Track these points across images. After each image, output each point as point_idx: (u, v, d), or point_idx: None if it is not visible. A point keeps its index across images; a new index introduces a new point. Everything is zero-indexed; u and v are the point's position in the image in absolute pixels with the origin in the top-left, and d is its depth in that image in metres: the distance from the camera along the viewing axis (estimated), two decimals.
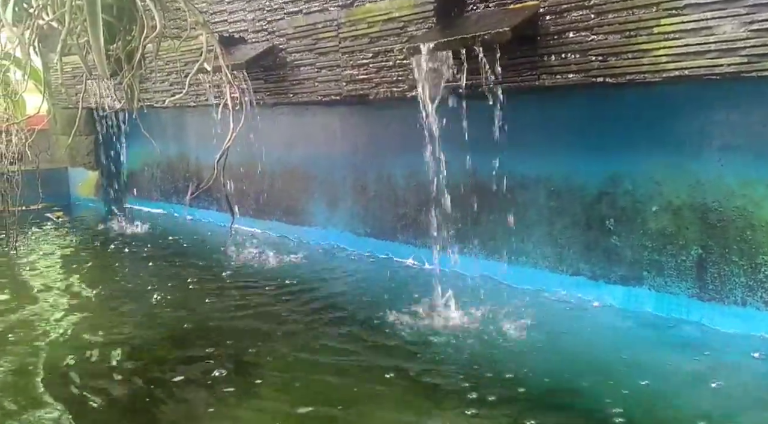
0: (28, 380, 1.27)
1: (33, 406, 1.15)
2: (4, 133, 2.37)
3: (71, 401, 1.18)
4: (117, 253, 2.43)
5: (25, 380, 1.27)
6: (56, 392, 1.21)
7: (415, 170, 2.10)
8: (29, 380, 1.27)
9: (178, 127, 3.07)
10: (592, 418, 1.06)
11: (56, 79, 3.01)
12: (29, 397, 1.19)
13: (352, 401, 1.14)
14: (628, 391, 1.16)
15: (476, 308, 1.58)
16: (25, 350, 1.43)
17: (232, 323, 1.60)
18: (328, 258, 2.28)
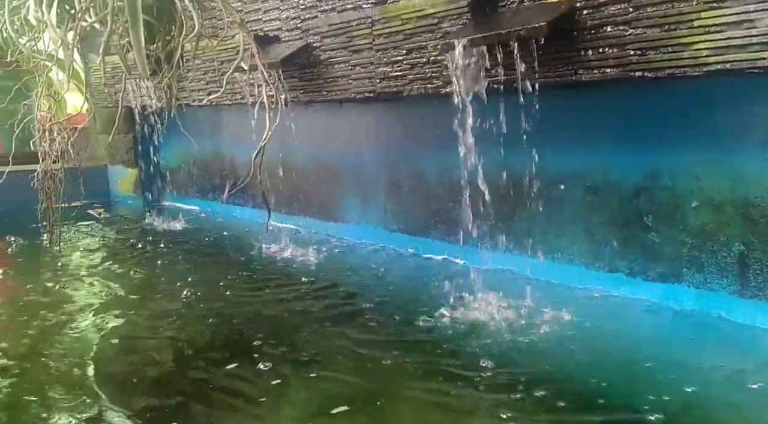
0: (75, 370, 1.31)
1: (82, 396, 1.18)
2: (48, 132, 2.43)
3: (119, 391, 1.21)
4: (155, 248, 2.49)
5: (72, 371, 1.30)
6: (103, 381, 1.24)
7: (448, 166, 2.09)
8: (76, 370, 1.30)
9: (213, 126, 3.12)
10: (631, 416, 1.05)
11: (96, 79, 3.09)
12: (78, 388, 1.22)
13: (387, 395, 1.15)
14: (667, 389, 1.15)
15: (511, 304, 1.58)
16: (71, 341, 1.47)
17: (269, 316, 1.63)
18: (362, 254, 2.29)
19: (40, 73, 2.44)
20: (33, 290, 1.91)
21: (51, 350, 1.43)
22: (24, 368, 1.35)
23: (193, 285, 1.91)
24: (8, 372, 1.32)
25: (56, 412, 1.13)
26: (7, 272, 2.26)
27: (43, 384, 1.26)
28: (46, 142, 2.41)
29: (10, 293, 1.97)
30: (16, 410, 1.15)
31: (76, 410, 1.13)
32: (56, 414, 1.12)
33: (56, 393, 1.21)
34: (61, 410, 1.14)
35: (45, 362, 1.38)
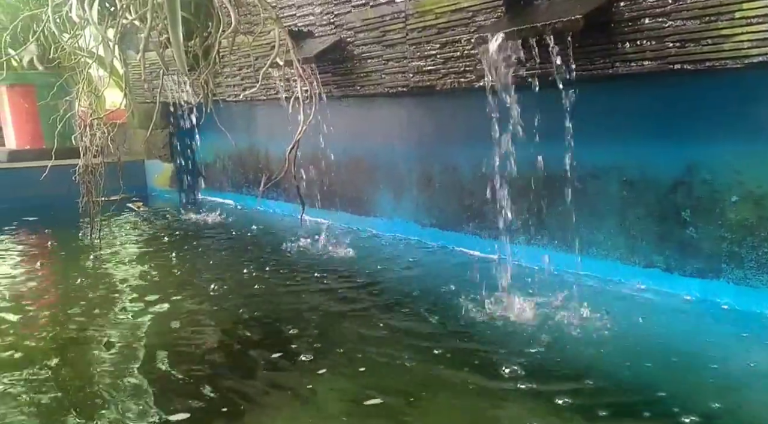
0: (117, 358, 1.34)
1: (126, 383, 1.22)
2: (88, 128, 2.49)
3: (163, 379, 1.24)
4: (190, 241, 2.54)
5: (113, 359, 1.34)
6: (147, 370, 1.28)
7: (482, 161, 2.09)
8: (118, 358, 1.34)
9: (248, 121, 3.16)
10: (669, 417, 1.04)
11: (134, 76, 3.15)
12: (120, 376, 1.26)
13: (421, 390, 1.16)
14: (707, 388, 1.13)
15: (546, 299, 1.57)
16: (112, 331, 1.52)
17: (302, 308, 1.65)
18: (394, 248, 2.31)
19: (81, 69, 2.50)
20: (74, 279, 1.97)
21: (91, 336, 1.48)
22: (68, 351, 1.39)
23: (228, 276, 1.94)
24: (53, 355, 1.36)
25: (100, 393, 1.17)
26: (50, 262, 2.33)
27: (85, 367, 1.30)
28: (86, 137, 2.47)
29: (53, 283, 2.04)
30: (63, 388, 1.19)
31: (117, 393, 1.17)
32: (100, 396, 1.16)
33: (98, 376, 1.25)
34: (104, 393, 1.17)
35: (86, 347, 1.42)
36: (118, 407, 1.13)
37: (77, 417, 1.09)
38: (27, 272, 2.18)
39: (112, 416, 1.09)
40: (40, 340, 1.46)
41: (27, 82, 3.53)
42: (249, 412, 1.10)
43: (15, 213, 3.04)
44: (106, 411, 1.11)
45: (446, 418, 1.06)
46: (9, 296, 1.83)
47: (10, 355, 1.37)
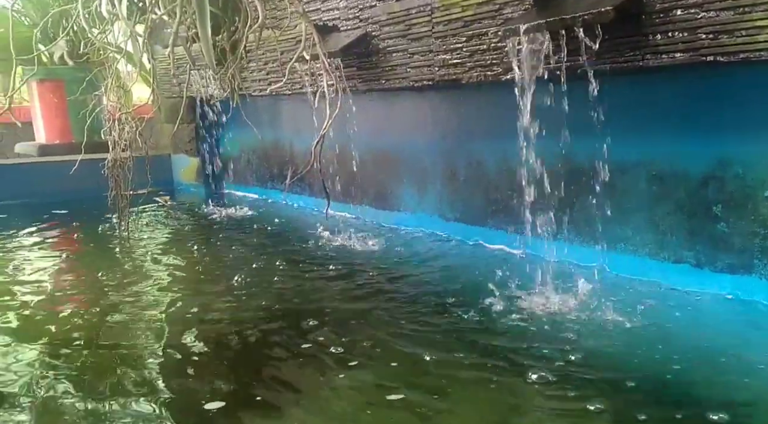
0: (148, 347, 1.37)
1: (159, 370, 1.24)
2: (117, 122, 2.53)
3: (195, 368, 1.26)
4: (216, 234, 2.56)
5: (145, 348, 1.36)
6: (179, 359, 1.30)
7: (507, 155, 2.08)
8: (149, 347, 1.36)
9: (273, 115, 3.18)
10: (700, 416, 1.02)
11: (161, 70, 3.19)
12: (153, 363, 1.28)
13: (445, 385, 1.15)
14: (738, 388, 1.11)
15: (573, 295, 1.56)
16: (141, 320, 1.54)
17: (329, 301, 1.66)
18: (418, 242, 2.31)
19: (109, 65, 2.54)
20: (102, 271, 2.00)
21: (122, 324, 1.51)
22: (96, 340, 1.42)
23: (252, 269, 1.96)
24: (82, 344, 1.39)
25: (134, 379, 1.19)
26: (80, 254, 2.38)
27: (116, 354, 1.33)
28: (115, 131, 2.51)
29: (82, 274, 2.07)
30: (94, 373, 1.21)
31: (151, 379, 1.19)
32: (134, 381, 1.18)
33: (130, 363, 1.27)
34: (138, 379, 1.20)
35: (117, 334, 1.46)
36: (153, 394, 1.14)
37: (113, 400, 1.11)
38: (58, 264, 2.22)
39: (149, 402, 1.11)
40: (73, 328, 1.49)
41: (56, 77, 3.59)
42: (280, 400, 1.11)
43: (46, 206, 3.10)
44: (142, 397, 1.12)
45: (469, 414, 1.05)
46: (43, 288, 1.86)
47: (47, 344, 1.40)
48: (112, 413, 1.08)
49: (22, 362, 1.30)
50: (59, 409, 1.10)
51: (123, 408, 1.09)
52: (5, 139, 4.29)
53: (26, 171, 3.43)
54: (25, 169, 3.45)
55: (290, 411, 1.09)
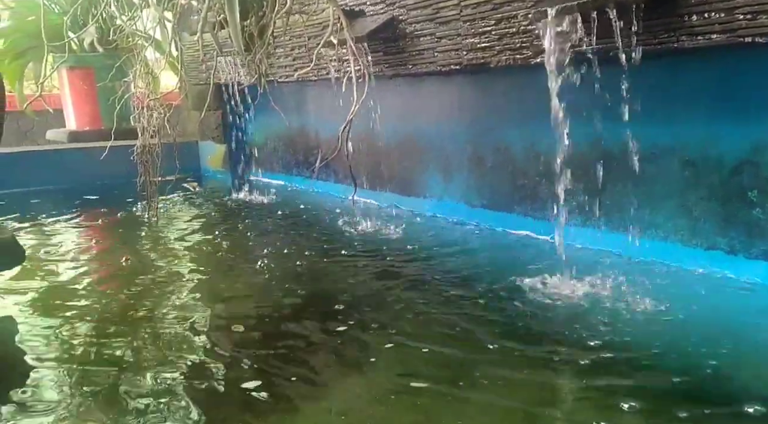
0: (181, 327, 1.38)
1: (193, 349, 1.26)
2: (146, 109, 2.55)
3: (229, 348, 1.28)
4: (243, 220, 2.58)
5: (178, 327, 1.38)
6: (211, 339, 1.32)
7: (536, 141, 2.06)
8: (182, 327, 1.38)
9: (298, 102, 3.19)
10: (734, 406, 1.00)
11: (188, 57, 3.21)
12: (186, 342, 1.30)
13: (470, 373, 1.15)
14: None
15: (603, 282, 1.54)
16: (169, 302, 1.56)
17: (353, 287, 1.66)
18: (444, 229, 2.30)
19: (137, 51, 2.56)
20: (132, 254, 2.04)
21: (152, 305, 1.53)
22: (128, 318, 1.44)
23: (278, 254, 1.97)
24: (115, 322, 1.41)
25: (163, 356, 1.22)
26: (110, 239, 2.41)
27: (145, 337, 1.35)
28: (144, 118, 2.54)
29: (113, 257, 2.11)
30: (127, 351, 1.23)
31: (179, 356, 1.21)
32: (169, 361, 1.20)
33: (164, 341, 1.30)
34: (163, 359, 1.22)
35: (145, 314, 1.48)
36: (189, 371, 1.16)
37: (150, 378, 1.13)
38: (90, 247, 2.26)
39: (187, 381, 1.12)
40: (105, 307, 1.52)
41: (86, 64, 3.64)
42: (311, 381, 1.12)
43: (77, 192, 3.15)
44: (178, 375, 1.14)
45: (496, 402, 1.05)
46: (75, 270, 1.90)
47: (81, 322, 1.43)
48: (149, 390, 1.10)
49: (57, 339, 1.33)
50: (93, 384, 1.12)
51: (159, 385, 1.11)
52: (37, 126, 4.37)
53: (57, 157, 3.49)
54: (56, 156, 3.51)
55: (318, 393, 1.09)
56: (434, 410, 1.01)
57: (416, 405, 1.03)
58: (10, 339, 1.36)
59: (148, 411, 1.02)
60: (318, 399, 1.07)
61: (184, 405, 1.05)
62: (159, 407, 1.04)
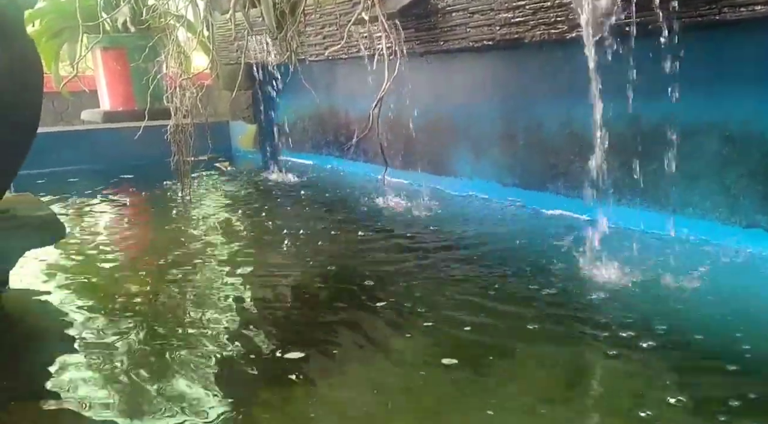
0: (211, 302, 1.41)
1: (234, 322, 1.28)
2: (178, 89, 2.58)
3: (268, 322, 1.30)
4: (274, 199, 2.61)
5: (207, 303, 1.41)
6: (250, 314, 1.34)
7: (570, 117, 2.03)
8: (212, 302, 1.41)
9: (328, 81, 3.18)
10: None
11: (218, 37, 3.22)
12: (226, 316, 1.32)
13: (499, 351, 1.15)
14: None
15: (639, 260, 1.51)
16: (203, 277, 1.59)
17: (386, 264, 1.67)
18: (475, 208, 2.29)
19: (170, 31, 2.58)
20: (164, 233, 2.07)
21: (188, 282, 1.56)
22: (166, 296, 1.47)
23: (310, 233, 1.99)
24: (147, 301, 1.44)
25: (211, 332, 1.24)
26: (145, 217, 2.46)
27: (183, 309, 1.38)
28: (177, 97, 2.56)
29: (145, 237, 2.15)
30: (164, 327, 1.26)
31: (219, 329, 1.23)
32: (210, 336, 1.22)
33: (204, 316, 1.32)
34: (207, 328, 1.24)
35: (181, 289, 1.51)
36: (230, 343, 1.19)
37: (192, 346, 1.16)
38: (126, 224, 2.31)
39: (228, 351, 1.15)
40: (143, 283, 1.55)
41: (119, 45, 3.68)
42: (345, 354, 1.14)
43: (113, 172, 3.21)
44: (221, 348, 1.16)
45: (529, 379, 1.05)
46: (112, 246, 1.94)
47: (120, 298, 1.46)
48: (190, 358, 1.13)
49: (97, 311, 1.37)
50: (134, 353, 1.15)
51: (201, 355, 1.14)
52: (71, 106, 4.45)
53: (93, 137, 3.55)
54: (91, 136, 3.57)
55: (354, 366, 1.11)
56: (467, 386, 1.02)
57: (450, 380, 1.04)
58: (52, 312, 1.40)
59: (191, 379, 1.05)
60: (354, 372, 1.09)
61: (228, 374, 1.07)
62: (203, 375, 1.06)
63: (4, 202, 1.56)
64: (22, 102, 1.45)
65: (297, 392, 1.01)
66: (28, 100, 1.47)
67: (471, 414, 0.92)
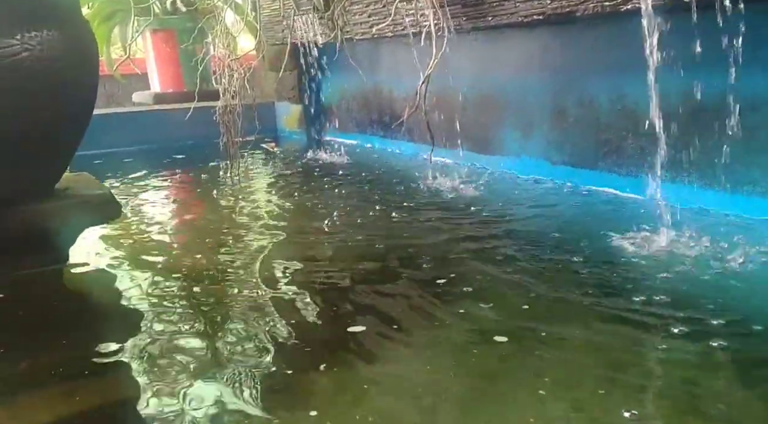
0: (260, 280, 1.43)
1: (297, 298, 1.30)
2: (227, 70, 2.61)
3: (325, 297, 1.31)
4: (319, 179, 2.62)
5: (264, 279, 1.43)
6: (309, 292, 1.35)
7: (623, 93, 1.97)
8: (270, 279, 1.43)
9: (372, 60, 3.17)
10: None
11: (264, 17, 3.24)
12: (280, 296, 1.34)
13: (551, 330, 1.13)
14: None
15: (696, 240, 1.47)
16: (253, 256, 1.61)
17: (430, 245, 1.66)
18: (523, 187, 2.26)
19: (217, 12, 2.61)
20: (215, 211, 2.12)
21: (237, 257, 1.60)
22: (207, 271, 1.50)
23: (357, 212, 1.99)
24: (195, 275, 1.48)
25: (273, 309, 1.26)
26: (197, 195, 2.51)
27: (222, 283, 1.42)
28: (225, 79, 2.59)
29: (191, 214, 2.20)
30: (222, 304, 1.29)
31: (281, 304, 1.26)
32: (271, 314, 1.25)
33: (263, 293, 1.35)
34: (275, 309, 1.27)
35: (220, 266, 1.54)
36: (293, 317, 1.21)
37: (250, 321, 1.18)
38: (180, 202, 2.37)
39: (290, 327, 1.17)
40: (198, 260, 1.59)
41: (168, 26, 3.74)
42: (406, 331, 1.15)
43: (164, 152, 3.28)
44: (286, 322, 1.19)
45: (580, 360, 1.03)
46: (166, 222, 2.00)
47: (172, 272, 1.50)
48: (251, 332, 1.15)
49: (153, 286, 1.41)
50: (193, 329, 1.18)
51: (262, 327, 1.17)
52: (122, 89, 4.56)
53: (145, 119, 3.64)
54: (144, 117, 3.66)
55: (407, 340, 1.12)
56: (517, 363, 1.01)
57: (500, 356, 1.04)
58: (111, 287, 1.45)
59: (257, 353, 1.08)
60: (411, 346, 1.10)
61: (286, 343, 1.10)
62: (268, 347, 1.09)
63: (63, 181, 1.62)
64: (80, 82, 1.49)
65: (355, 363, 1.04)
66: (86, 80, 1.52)
67: (521, 391, 0.92)
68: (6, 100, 1.34)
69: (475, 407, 0.90)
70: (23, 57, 1.33)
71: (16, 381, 1.02)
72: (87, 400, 0.96)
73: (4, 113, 1.34)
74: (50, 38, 1.37)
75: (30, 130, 1.40)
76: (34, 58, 1.34)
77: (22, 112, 1.37)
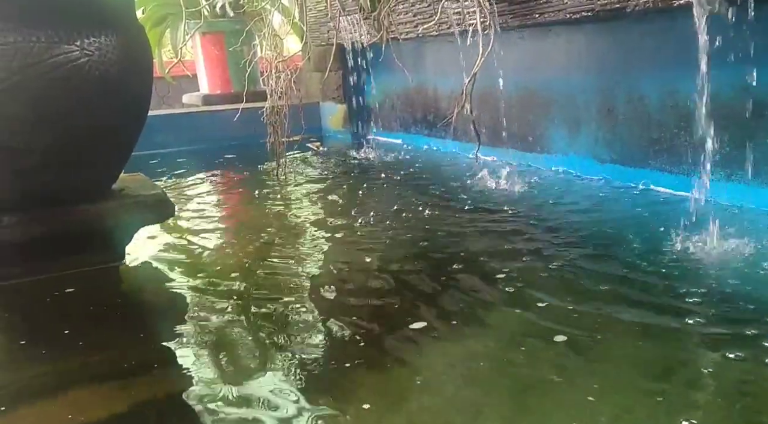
0: (312, 276, 1.46)
1: (350, 297, 1.33)
2: (274, 71, 2.65)
3: (384, 294, 1.33)
4: (365, 178, 2.64)
5: (295, 280, 1.45)
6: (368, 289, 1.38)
7: (674, 89, 1.92)
8: (313, 276, 1.46)
9: (417, 59, 3.17)
10: None
11: (310, 18, 3.28)
12: (340, 293, 1.36)
13: (606, 329, 1.12)
14: None
15: (753, 242, 1.42)
16: (303, 252, 1.64)
17: (480, 242, 1.66)
18: (570, 186, 2.23)
19: (265, 15, 2.65)
20: (264, 210, 2.16)
21: (274, 254, 1.63)
22: (258, 268, 1.54)
23: (403, 210, 2.00)
24: (247, 271, 1.51)
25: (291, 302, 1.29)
26: (244, 194, 2.57)
27: (275, 279, 1.45)
28: (272, 80, 2.64)
29: (241, 213, 2.24)
30: (274, 298, 1.32)
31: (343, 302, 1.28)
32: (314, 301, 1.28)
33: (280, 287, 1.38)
34: (285, 301, 1.30)
35: (270, 263, 1.57)
36: (356, 315, 1.23)
37: (305, 315, 1.21)
38: (228, 201, 2.42)
39: (354, 324, 1.19)
40: (250, 257, 1.62)
41: (217, 29, 3.82)
42: (460, 327, 1.16)
43: (214, 152, 3.36)
44: (341, 318, 1.20)
45: (624, 364, 1.02)
46: (220, 224, 2.05)
47: (224, 269, 1.54)
48: (306, 327, 1.18)
49: (207, 282, 1.45)
50: (249, 323, 1.21)
51: (323, 327, 1.19)
52: (172, 91, 4.68)
53: (195, 120, 3.73)
54: (193, 118, 3.75)
55: (461, 338, 1.12)
56: (568, 360, 1.01)
57: (551, 353, 1.03)
58: (165, 285, 1.50)
59: (311, 348, 1.10)
60: (467, 342, 1.10)
61: (341, 339, 1.12)
62: (324, 342, 1.12)
63: (119, 181, 1.68)
64: (136, 85, 1.54)
65: (411, 359, 1.05)
66: (141, 83, 1.57)
67: (574, 391, 0.92)
68: (67, 104, 1.39)
69: (523, 408, 0.90)
70: (82, 62, 1.39)
71: (75, 378, 1.06)
72: (140, 394, 0.99)
73: (65, 118, 1.40)
74: (108, 44, 1.42)
75: (89, 133, 1.46)
76: (93, 63, 1.40)
77: (82, 116, 1.42)
